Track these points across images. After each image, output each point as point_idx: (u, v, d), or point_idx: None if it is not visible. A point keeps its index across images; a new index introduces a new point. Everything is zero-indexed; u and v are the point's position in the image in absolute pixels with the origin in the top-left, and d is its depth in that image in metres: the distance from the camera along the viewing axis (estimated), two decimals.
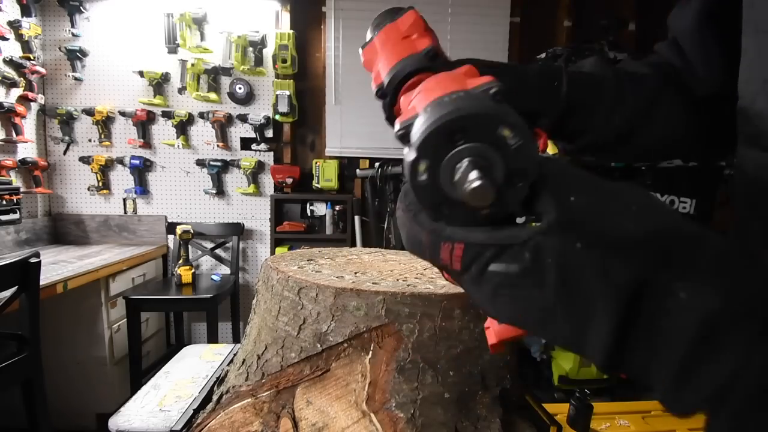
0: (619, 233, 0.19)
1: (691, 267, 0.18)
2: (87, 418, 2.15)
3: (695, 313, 0.18)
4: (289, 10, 2.59)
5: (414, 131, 0.23)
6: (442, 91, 0.24)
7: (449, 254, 0.23)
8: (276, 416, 0.45)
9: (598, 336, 0.20)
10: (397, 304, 0.43)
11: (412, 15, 0.36)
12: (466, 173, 0.21)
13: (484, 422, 0.44)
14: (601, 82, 0.42)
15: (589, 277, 0.19)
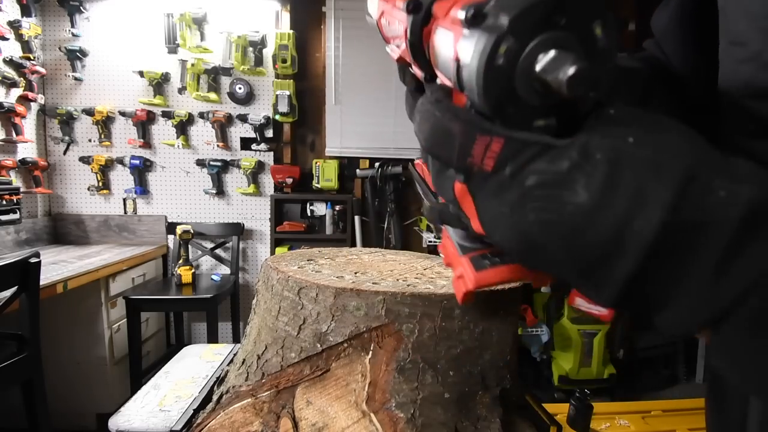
0: (664, 137, 0.20)
1: (726, 170, 0.19)
2: (87, 418, 2.15)
3: (736, 206, 0.18)
4: (289, 10, 2.59)
5: (498, 7, 0.19)
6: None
7: (483, 149, 0.21)
8: (276, 416, 0.45)
9: (639, 234, 0.18)
10: (397, 304, 0.43)
11: None
12: (560, 62, 0.18)
13: (484, 422, 0.44)
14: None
15: (640, 170, 0.19)
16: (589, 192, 0.19)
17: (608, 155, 0.19)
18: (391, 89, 2.59)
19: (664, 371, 2.83)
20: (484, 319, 0.44)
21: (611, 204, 0.19)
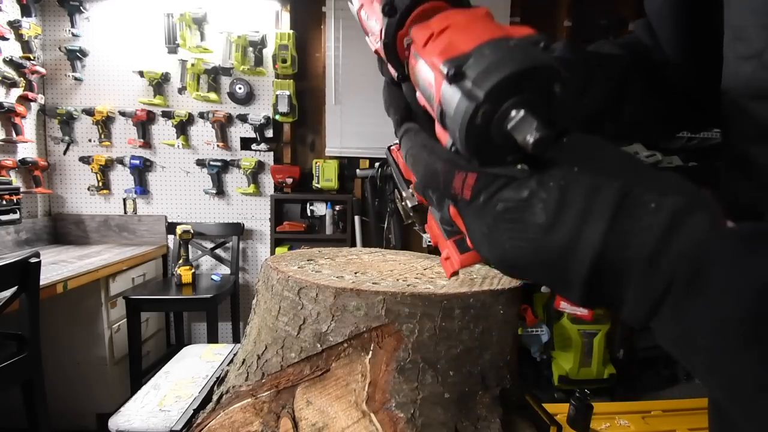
0: (606, 163, 0.24)
1: (656, 185, 0.22)
2: (87, 418, 2.15)
3: (662, 212, 0.21)
4: (289, 10, 2.59)
5: (477, 74, 0.23)
6: (488, 34, 0.24)
7: (462, 183, 0.26)
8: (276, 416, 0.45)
9: (587, 243, 0.22)
10: (397, 304, 0.43)
11: None
12: (525, 123, 0.22)
13: (484, 422, 0.44)
14: (571, 67, 0.43)
15: (585, 192, 0.23)
16: (546, 213, 0.23)
17: (558, 183, 0.23)
18: None
19: (664, 371, 2.83)
20: (484, 319, 0.44)
21: (564, 221, 0.23)
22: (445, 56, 0.24)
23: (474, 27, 0.26)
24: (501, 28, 0.25)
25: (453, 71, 0.23)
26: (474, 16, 0.27)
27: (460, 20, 0.27)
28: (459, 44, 0.25)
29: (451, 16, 0.28)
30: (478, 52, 0.23)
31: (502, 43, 0.23)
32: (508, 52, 0.23)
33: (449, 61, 0.24)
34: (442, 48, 0.25)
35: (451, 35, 0.26)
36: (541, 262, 0.24)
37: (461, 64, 0.23)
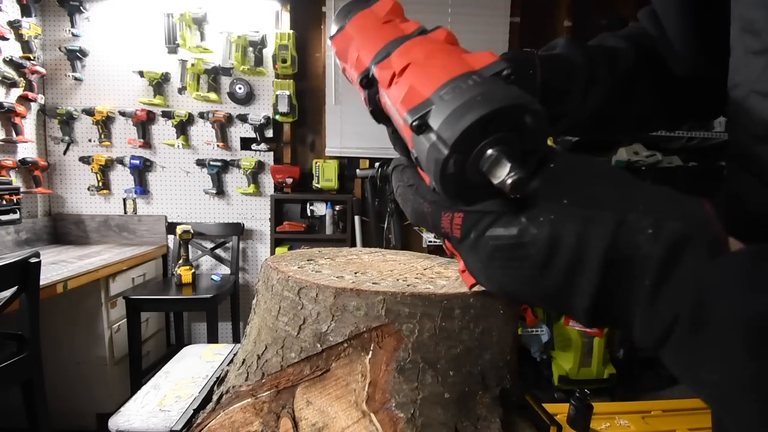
0: (596, 188, 0.23)
1: (653, 208, 0.22)
2: (87, 418, 2.15)
3: (661, 241, 0.21)
4: (289, 10, 2.59)
5: (439, 125, 0.22)
6: (446, 73, 0.23)
7: (449, 223, 0.25)
8: (276, 416, 0.45)
9: (586, 278, 0.22)
10: (397, 304, 0.43)
11: (387, 2, 0.33)
12: (499, 165, 0.22)
13: (484, 422, 0.44)
14: (573, 64, 0.42)
15: (577, 226, 0.22)
16: (539, 251, 0.22)
17: (548, 217, 0.22)
18: None
19: (664, 371, 2.83)
20: (484, 319, 0.44)
21: (559, 258, 0.22)
22: (407, 106, 0.24)
23: (433, 63, 0.25)
24: (460, 59, 0.24)
25: (417, 123, 0.23)
26: (432, 46, 0.26)
27: (419, 54, 0.26)
28: (419, 88, 0.24)
29: (411, 50, 0.27)
30: (438, 98, 0.22)
31: (461, 85, 0.22)
32: (469, 96, 0.21)
33: (411, 112, 0.23)
34: (404, 96, 0.24)
35: (411, 78, 0.25)
36: (541, 295, 0.24)
37: (423, 114, 0.23)
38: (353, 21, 0.33)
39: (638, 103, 0.45)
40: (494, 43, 2.64)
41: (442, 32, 0.28)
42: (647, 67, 0.44)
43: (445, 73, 0.23)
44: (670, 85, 0.45)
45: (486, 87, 0.22)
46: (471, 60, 0.24)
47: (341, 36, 0.34)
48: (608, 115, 0.44)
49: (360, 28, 0.33)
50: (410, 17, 0.35)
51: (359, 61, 0.31)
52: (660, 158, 2.58)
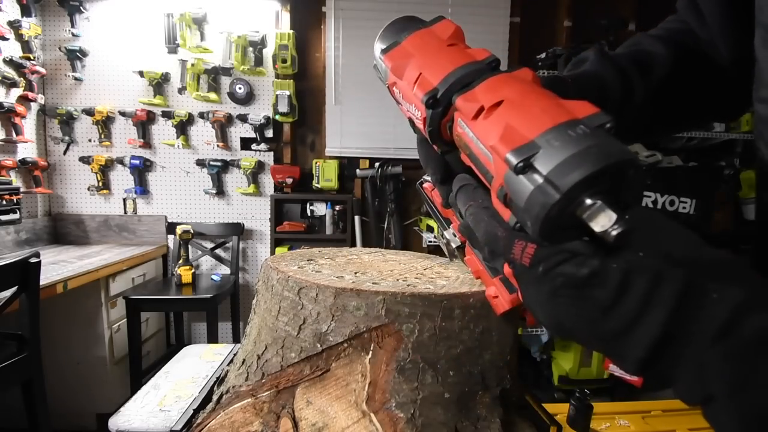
0: (669, 247, 0.24)
1: (720, 273, 0.22)
2: (87, 418, 2.15)
3: (724, 306, 0.21)
4: (289, 10, 2.59)
5: (550, 170, 0.22)
6: (550, 117, 0.23)
7: (521, 251, 0.26)
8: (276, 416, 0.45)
9: (646, 330, 0.22)
10: (397, 304, 0.43)
11: (450, 24, 0.33)
12: (603, 214, 0.22)
13: (484, 422, 0.44)
14: (605, 83, 0.41)
15: (647, 278, 0.22)
16: (607, 294, 0.23)
17: (621, 266, 0.23)
18: None
19: None
20: (484, 319, 0.44)
21: (625, 306, 0.23)
22: (510, 146, 0.23)
23: (530, 104, 0.24)
24: (559, 105, 0.24)
25: (521, 164, 0.23)
26: (524, 87, 0.26)
27: (511, 93, 0.26)
28: (520, 129, 0.23)
29: (499, 87, 0.27)
30: (545, 142, 0.22)
31: (570, 132, 0.22)
32: (585, 146, 0.21)
33: (515, 153, 0.23)
34: (502, 133, 0.24)
35: (508, 116, 0.25)
36: (598, 337, 0.24)
37: (528, 155, 0.22)
38: (411, 39, 0.33)
39: (672, 108, 0.44)
40: (494, 43, 2.64)
41: (528, 73, 0.28)
42: (685, 69, 0.43)
43: (549, 118, 0.23)
44: (707, 84, 0.44)
45: (598, 139, 0.22)
46: (571, 107, 0.24)
47: (398, 52, 0.33)
48: (641, 125, 0.43)
49: (421, 47, 0.32)
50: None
51: (423, 80, 0.30)
52: (660, 158, 2.58)
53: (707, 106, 0.46)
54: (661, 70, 0.42)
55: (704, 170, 2.62)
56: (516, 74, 0.28)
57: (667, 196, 2.49)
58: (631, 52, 0.44)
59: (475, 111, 0.27)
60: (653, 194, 2.49)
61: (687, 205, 2.50)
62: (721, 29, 0.41)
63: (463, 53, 0.30)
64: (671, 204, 2.50)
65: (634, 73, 0.41)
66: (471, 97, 0.27)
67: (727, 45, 0.41)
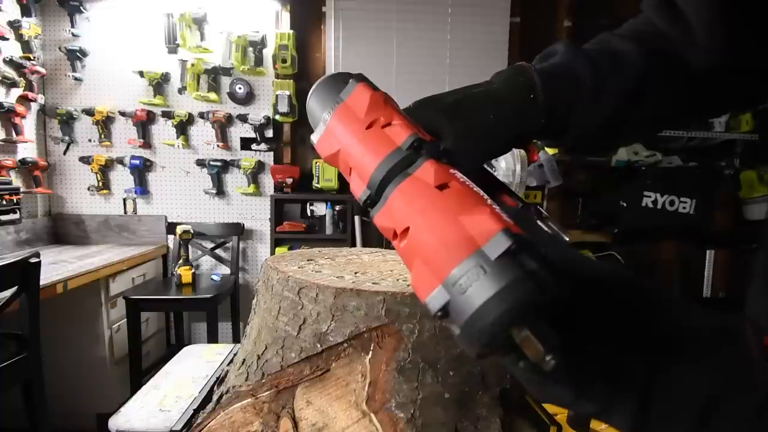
0: (633, 336, 0.23)
1: (688, 358, 0.22)
2: (87, 418, 2.15)
3: (696, 395, 0.21)
4: (289, 10, 2.59)
5: (460, 331, 0.21)
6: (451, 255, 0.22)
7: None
8: (276, 416, 0.45)
9: (622, 417, 0.23)
10: (397, 304, 0.43)
11: (362, 91, 0.31)
12: (533, 346, 0.21)
13: (484, 422, 0.44)
14: (576, 75, 0.39)
15: (609, 372, 0.22)
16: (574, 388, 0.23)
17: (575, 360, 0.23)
18: (390, 89, 2.58)
19: None
20: None
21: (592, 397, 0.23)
22: (422, 294, 0.23)
23: (434, 233, 0.23)
24: (460, 228, 0.22)
25: (439, 314, 0.22)
26: (427, 203, 0.24)
27: (416, 216, 0.24)
28: (427, 274, 0.23)
29: (405, 204, 0.25)
30: (453, 290, 0.21)
31: (470, 275, 0.21)
32: (485, 299, 0.20)
33: (429, 302, 0.22)
34: (414, 280, 0.24)
35: (415, 251, 0.24)
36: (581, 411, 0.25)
37: (441, 305, 0.22)
38: (332, 122, 0.32)
39: (652, 107, 0.42)
40: (494, 43, 2.64)
41: (429, 169, 0.25)
42: (660, 68, 0.41)
43: (451, 257, 0.22)
44: (692, 81, 0.41)
45: (498, 282, 0.20)
46: (471, 229, 0.22)
47: (325, 139, 0.32)
48: (618, 122, 0.41)
49: (344, 134, 0.31)
50: (410, 18, 0.33)
51: (354, 180, 0.30)
52: (660, 158, 2.58)
53: (683, 108, 0.44)
54: (632, 68, 0.40)
55: (704, 170, 2.62)
56: (420, 176, 0.25)
57: (667, 196, 2.49)
58: (602, 48, 0.42)
59: (391, 234, 0.26)
60: (653, 194, 2.49)
61: (687, 205, 2.50)
62: (707, 29, 0.39)
63: (383, 140, 0.28)
64: (671, 204, 2.50)
65: (606, 67, 0.40)
66: (385, 215, 0.26)
67: (712, 45, 0.39)
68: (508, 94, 0.38)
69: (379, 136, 0.29)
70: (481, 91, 0.39)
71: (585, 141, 0.43)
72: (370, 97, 0.30)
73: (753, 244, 2.49)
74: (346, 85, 0.32)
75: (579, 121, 0.40)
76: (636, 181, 2.52)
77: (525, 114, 0.38)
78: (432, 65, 2.65)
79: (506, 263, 0.20)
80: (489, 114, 0.37)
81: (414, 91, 2.69)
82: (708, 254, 2.74)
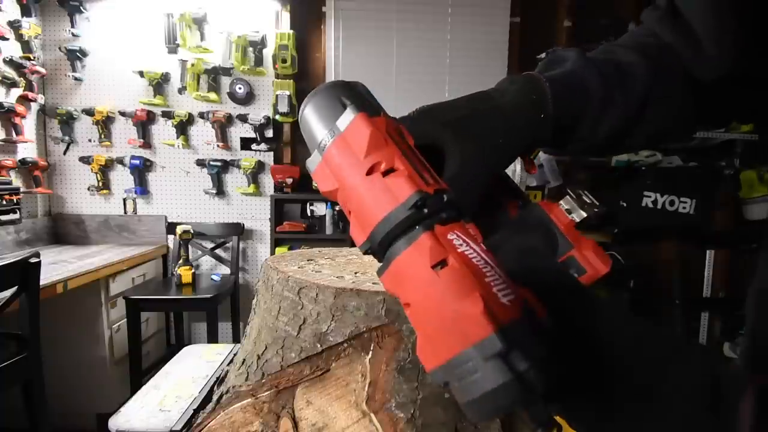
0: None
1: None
2: (87, 418, 2.15)
3: None
4: (289, 10, 2.59)
5: (465, 404, 0.22)
6: (447, 348, 0.22)
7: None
8: (276, 416, 0.45)
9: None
10: (397, 304, 0.43)
11: (361, 126, 0.28)
12: (529, 420, 0.22)
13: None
14: (586, 87, 0.39)
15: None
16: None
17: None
18: (390, 89, 2.59)
19: None
20: None
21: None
22: (426, 367, 0.24)
23: (430, 318, 0.23)
24: (456, 322, 0.22)
25: (442, 385, 0.23)
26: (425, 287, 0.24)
27: (415, 296, 0.24)
28: (429, 352, 0.23)
29: (404, 280, 0.25)
30: (452, 375, 0.22)
31: (468, 369, 0.22)
32: (478, 394, 0.21)
33: (433, 375, 0.23)
34: (419, 352, 0.24)
35: (418, 326, 0.24)
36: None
37: (444, 381, 0.23)
38: (328, 154, 0.29)
39: (656, 120, 0.42)
40: (494, 43, 2.64)
41: (426, 244, 0.25)
42: (663, 82, 0.40)
43: (446, 344, 0.22)
44: (697, 93, 0.41)
45: (488, 383, 0.21)
46: (465, 324, 0.22)
47: (320, 170, 0.30)
48: (622, 135, 0.41)
49: (339, 174, 0.28)
50: (410, 18, 0.32)
51: (354, 227, 0.28)
52: (660, 158, 2.58)
53: (687, 120, 0.44)
54: (638, 81, 0.40)
55: (704, 170, 2.62)
56: (417, 251, 0.24)
57: (667, 196, 2.49)
58: (609, 60, 0.41)
59: (390, 287, 0.26)
60: (653, 194, 2.49)
61: (687, 205, 2.50)
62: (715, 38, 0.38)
63: (385, 194, 0.26)
64: (671, 204, 2.50)
65: (614, 80, 0.39)
66: (388, 283, 0.26)
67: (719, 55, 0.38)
68: (519, 109, 0.37)
69: (379, 187, 0.27)
70: (490, 107, 0.38)
71: (589, 152, 0.43)
72: (370, 135, 0.28)
73: (753, 244, 2.49)
74: (343, 110, 0.30)
75: (585, 134, 0.40)
76: (636, 181, 2.52)
77: (535, 129, 0.38)
78: (432, 65, 2.65)
79: (496, 366, 0.21)
80: (498, 132, 0.36)
81: (414, 91, 2.70)
82: (708, 254, 2.74)
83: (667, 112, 0.42)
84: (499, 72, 2.61)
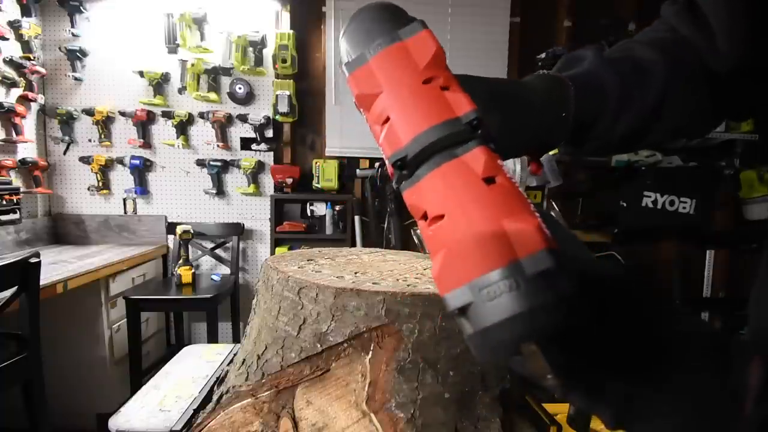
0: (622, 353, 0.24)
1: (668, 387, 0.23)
2: (87, 418, 2.15)
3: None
4: (289, 10, 2.59)
5: (475, 335, 0.21)
6: (485, 262, 0.21)
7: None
8: (276, 416, 0.45)
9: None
10: (397, 304, 0.43)
11: (428, 39, 0.27)
12: (542, 367, 0.21)
13: (484, 422, 0.44)
14: (604, 87, 0.39)
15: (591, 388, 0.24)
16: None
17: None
18: None
19: None
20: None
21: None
22: (444, 289, 0.22)
23: (468, 231, 0.22)
24: (500, 233, 0.21)
25: (457, 311, 0.21)
26: (468, 194, 0.22)
27: (454, 205, 0.23)
28: (454, 270, 0.22)
29: (446, 186, 0.23)
30: (477, 293, 0.20)
31: (499, 285, 0.20)
32: (509, 315, 0.20)
33: (450, 298, 0.21)
34: (439, 270, 0.22)
35: (446, 243, 0.22)
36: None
37: (462, 305, 0.21)
38: (380, 58, 0.27)
39: (673, 116, 0.42)
40: (494, 43, 2.64)
41: (480, 156, 0.23)
42: (681, 79, 0.41)
43: (484, 258, 0.21)
44: (713, 87, 0.41)
45: (529, 301, 0.20)
46: (514, 237, 0.21)
47: (363, 73, 0.27)
48: (640, 132, 0.42)
49: (391, 79, 0.26)
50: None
51: (391, 131, 0.26)
52: (660, 158, 2.58)
53: (703, 116, 0.44)
54: (655, 79, 0.40)
55: (704, 170, 2.62)
56: (469, 161, 0.23)
57: (667, 196, 2.49)
58: (624, 56, 0.42)
59: (420, 214, 0.24)
60: (653, 194, 2.49)
61: (687, 205, 2.50)
62: (728, 31, 0.38)
63: (441, 103, 0.25)
64: (671, 204, 2.50)
65: (631, 79, 0.40)
66: (417, 194, 0.24)
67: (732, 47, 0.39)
68: (544, 105, 0.38)
69: (436, 96, 0.25)
70: (520, 92, 0.39)
71: (605, 150, 0.44)
72: (436, 50, 0.26)
73: (753, 244, 2.49)
74: (406, 24, 0.28)
75: (602, 134, 0.41)
76: (636, 181, 2.52)
77: (554, 127, 0.39)
78: None
79: (542, 284, 0.20)
80: (520, 117, 0.37)
81: None
82: (708, 254, 2.74)
83: (685, 108, 0.42)
84: (499, 72, 2.61)
